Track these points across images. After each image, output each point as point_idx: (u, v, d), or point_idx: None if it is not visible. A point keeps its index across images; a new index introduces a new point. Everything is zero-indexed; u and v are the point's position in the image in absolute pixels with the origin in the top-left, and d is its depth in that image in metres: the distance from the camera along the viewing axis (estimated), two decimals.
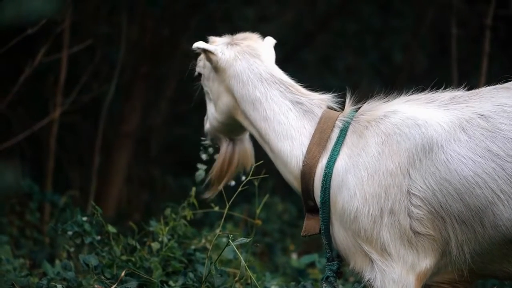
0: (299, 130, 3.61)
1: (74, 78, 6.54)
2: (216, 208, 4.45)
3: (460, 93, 3.52)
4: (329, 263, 3.61)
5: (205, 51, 3.71)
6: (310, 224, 3.60)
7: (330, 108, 3.67)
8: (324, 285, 3.59)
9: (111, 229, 4.34)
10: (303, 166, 3.57)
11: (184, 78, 3.98)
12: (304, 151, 3.58)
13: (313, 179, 3.54)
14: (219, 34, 3.82)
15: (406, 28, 9.17)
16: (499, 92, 3.43)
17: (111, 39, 7.71)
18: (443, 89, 3.56)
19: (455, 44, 6.61)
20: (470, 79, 7.26)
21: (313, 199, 3.57)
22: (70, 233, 4.31)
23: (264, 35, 3.84)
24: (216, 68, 3.73)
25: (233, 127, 3.81)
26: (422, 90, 3.57)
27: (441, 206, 3.35)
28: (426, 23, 8.73)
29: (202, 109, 3.95)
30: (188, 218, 4.43)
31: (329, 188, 3.49)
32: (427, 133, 3.39)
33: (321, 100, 3.67)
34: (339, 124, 3.57)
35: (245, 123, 3.72)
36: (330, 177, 3.49)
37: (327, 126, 3.57)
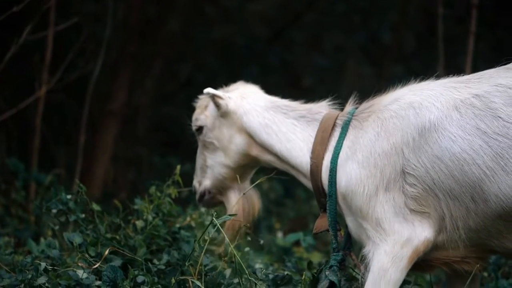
0: (306, 140, 3.82)
1: (60, 56, 6.50)
2: None
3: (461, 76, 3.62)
4: (335, 254, 3.75)
5: (214, 96, 3.93)
6: (321, 222, 3.78)
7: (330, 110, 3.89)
8: (327, 273, 3.72)
9: (95, 207, 4.34)
10: (310, 165, 3.75)
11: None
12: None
13: (321, 175, 3.72)
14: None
15: (393, 8, 9.16)
16: (499, 72, 3.52)
17: (97, 18, 7.68)
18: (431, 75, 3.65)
19: (441, 23, 6.61)
20: (457, 59, 7.29)
21: (324, 196, 3.73)
22: (54, 211, 4.31)
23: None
24: (225, 113, 3.94)
25: (246, 167, 4.01)
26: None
27: (434, 183, 3.46)
28: (414, 3, 8.72)
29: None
30: (173, 196, 4.43)
31: (335, 182, 3.66)
32: (421, 113, 3.50)
33: (319, 107, 3.88)
34: (339, 122, 3.76)
35: (262, 155, 3.92)
36: (335, 172, 3.66)
37: (328, 125, 3.76)
